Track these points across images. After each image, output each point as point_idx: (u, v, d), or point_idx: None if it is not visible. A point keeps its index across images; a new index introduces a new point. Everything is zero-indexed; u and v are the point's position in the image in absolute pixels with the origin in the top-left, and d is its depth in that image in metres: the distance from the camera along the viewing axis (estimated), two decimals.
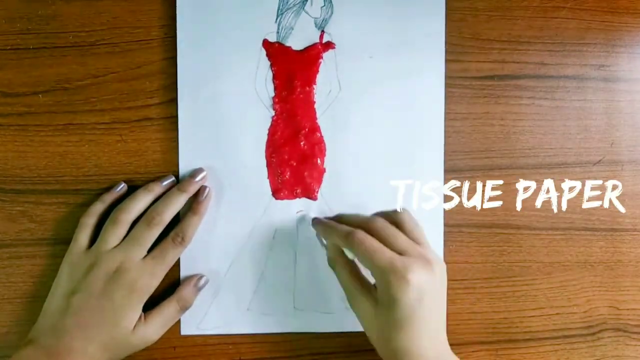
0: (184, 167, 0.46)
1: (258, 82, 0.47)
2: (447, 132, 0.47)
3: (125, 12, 0.46)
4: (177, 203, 0.44)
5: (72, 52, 0.46)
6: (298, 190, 0.47)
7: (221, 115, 0.46)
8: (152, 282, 0.42)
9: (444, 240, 0.47)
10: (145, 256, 0.43)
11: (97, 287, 0.41)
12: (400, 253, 0.38)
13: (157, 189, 0.45)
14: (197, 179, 0.45)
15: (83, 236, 0.44)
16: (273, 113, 0.47)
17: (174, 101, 0.46)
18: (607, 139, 0.49)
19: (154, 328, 0.43)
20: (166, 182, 0.45)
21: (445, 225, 0.47)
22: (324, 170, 0.47)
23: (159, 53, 0.46)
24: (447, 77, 0.47)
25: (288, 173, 0.47)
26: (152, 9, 0.46)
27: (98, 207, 0.45)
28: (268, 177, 0.47)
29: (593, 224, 0.49)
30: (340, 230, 0.41)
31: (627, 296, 0.49)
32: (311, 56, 0.47)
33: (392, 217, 0.41)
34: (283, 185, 0.47)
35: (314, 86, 0.47)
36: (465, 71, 0.48)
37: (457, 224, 0.48)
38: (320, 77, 0.47)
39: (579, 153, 0.48)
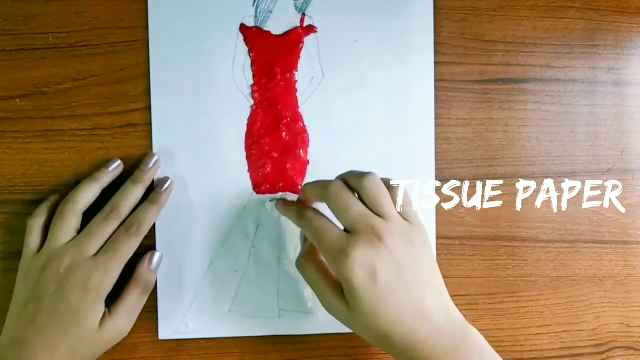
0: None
1: (236, 69, 0.44)
2: (448, 139, 0.45)
3: (108, 12, 0.44)
4: (133, 195, 0.42)
5: (51, 54, 0.44)
6: (280, 184, 0.45)
7: (197, 106, 0.44)
8: (105, 278, 0.39)
9: (445, 254, 0.45)
10: (98, 251, 0.40)
11: (50, 289, 0.38)
12: (349, 228, 0.36)
13: (103, 177, 0.42)
14: (150, 166, 0.43)
15: (32, 239, 0.41)
16: (252, 102, 0.45)
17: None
18: (618, 146, 0.46)
19: (123, 320, 0.40)
20: (112, 167, 0.43)
21: (445, 237, 0.45)
22: (307, 162, 0.45)
23: (143, 55, 0.44)
24: (448, 80, 0.45)
25: (269, 166, 0.45)
26: (135, 9, 0.44)
27: (44, 207, 0.42)
28: (248, 171, 0.45)
29: (602, 236, 0.46)
30: (294, 208, 0.40)
31: (638, 313, 0.47)
32: (291, 41, 0.44)
33: (352, 183, 0.38)
34: (264, 178, 0.45)
35: (295, 73, 0.45)
36: (467, 74, 0.45)
37: (458, 236, 0.45)
38: (301, 63, 0.45)
39: (588, 161, 0.46)
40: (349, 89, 0.45)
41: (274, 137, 0.45)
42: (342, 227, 0.37)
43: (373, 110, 0.45)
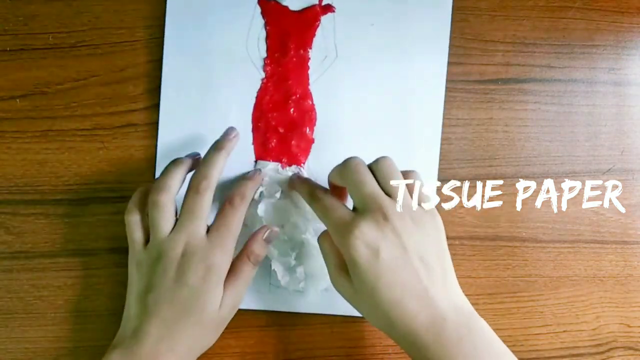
0: (163, 122, 0.44)
1: (250, 40, 0.44)
2: (448, 139, 0.45)
3: (108, 12, 0.44)
4: (218, 163, 0.40)
5: (51, 54, 0.44)
6: (284, 160, 0.45)
7: (208, 73, 0.44)
8: (224, 256, 0.38)
9: None
10: (208, 230, 0.39)
11: (169, 278, 0.37)
12: (359, 205, 0.37)
13: (185, 161, 0.41)
14: (232, 136, 0.42)
15: (136, 235, 0.40)
16: (263, 75, 0.44)
17: (159, 106, 0.44)
18: (618, 146, 0.46)
19: (238, 294, 0.39)
20: (193, 156, 0.42)
21: (445, 237, 0.45)
22: (312, 141, 0.45)
23: (144, 55, 0.44)
24: (448, 80, 0.45)
25: (274, 141, 0.44)
26: (136, 9, 0.44)
27: (135, 200, 0.40)
28: (253, 143, 0.45)
29: (602, 236, 0.46)
30: (307, 186, 0.40)
31: (638, 313, 0.46)
32: (308, 18, 0.44)
33: (369, 164, 0.39)
34: (268, 153, 0.44)
35: (309, 50, 0.45)
36: (467, 74, 0.45)
37: (458, 236, 0.45)
38: (316, 42, 0.45)
39: (588, 161, 0.46)
40: (361, 72, 0.45)
41: (282, 113, 0.44)
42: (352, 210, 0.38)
43: (381, 96, 0.45)
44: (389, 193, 0.37)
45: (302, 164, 0.45)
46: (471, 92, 0.46)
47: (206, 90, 0.44)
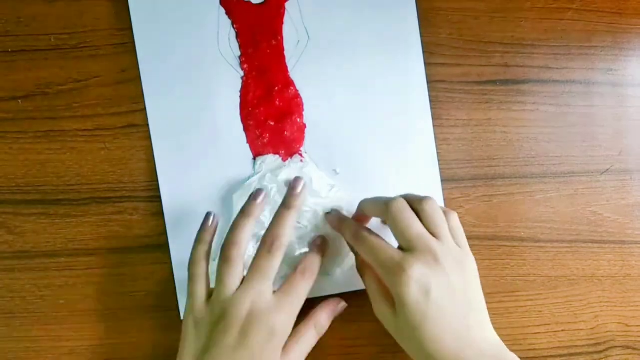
0: (158, 147, 0.44)
1: (221, 43, 0.45)
2: (447, 140, 0.46)
3: (109, 14, 0.44)
4: (289, 222, 0.39)
5: (53, 55, 0.44)
6: (282, 152, 0.45)
7: (189, 86, 0.44)
8: (290, 321, 0.37)
9: None
10: (275, 292, 0.38)
11: (232, 338, 0.35)
12: (407, 246, 0.37)
13: (255, 210, 0.40)
14: (299, 190, 0.40)
15: (199, 288, 0.38)
16: (242, 73, 0.45)
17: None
18: (615, 147, 0.47)
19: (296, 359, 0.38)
20: (260, 199, 0.40)
21: None
22: (304, 126, 0.45)
23: None
24: (447, 82, 0.46)
25: (267, 135, 0.45)
26: None
27: (202, 251, 0.40)
28: (247, 142, 0.45)
29: (601, 235, 0.46)
30: (349, 227, 0.40)
31: (636, 312, 0.47)
32: (273, 7, 0.45)
33: (412, 204, 0.38)
34: (264, 148, 0.45)
35: (281, 39, 0.45)
36: (466, 75, 0.46)
37: None
38: (286, 29, 0.45)
39: (586, 162, 0.46)
40: (337, 47, 0.45)
41: (268, 106, 0.45)
42: (396, 246, 0.38)
43: (364, 64, 0.45)
44: (434, 233, 0.37)
45: (300, 152, 0.45)
46: (470, 93, 0.46)
47: (190, 100, 0.44)
